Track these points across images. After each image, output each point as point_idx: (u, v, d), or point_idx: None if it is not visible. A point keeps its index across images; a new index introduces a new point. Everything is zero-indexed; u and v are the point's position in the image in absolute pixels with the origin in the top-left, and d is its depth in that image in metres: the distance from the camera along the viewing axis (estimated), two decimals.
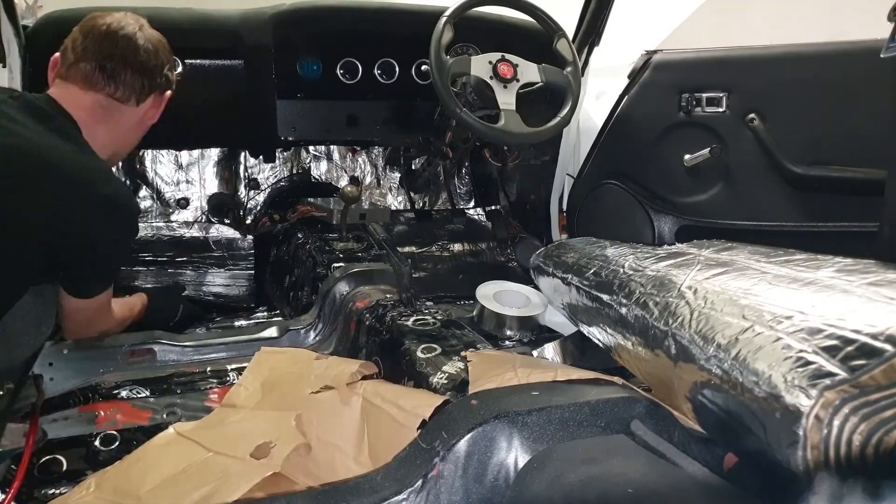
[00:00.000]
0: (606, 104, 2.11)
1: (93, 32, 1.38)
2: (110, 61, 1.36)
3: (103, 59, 1.36)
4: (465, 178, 2.76)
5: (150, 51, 1.42)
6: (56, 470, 1.19)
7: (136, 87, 1.40)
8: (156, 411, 1.38)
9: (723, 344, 0.78)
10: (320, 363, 1.26)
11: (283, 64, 2.01)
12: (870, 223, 1.51)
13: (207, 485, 0.92)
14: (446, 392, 1.10)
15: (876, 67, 1.38)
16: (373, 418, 1.05)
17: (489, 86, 1.57)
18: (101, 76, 1.36)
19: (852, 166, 1.78)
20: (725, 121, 1.94)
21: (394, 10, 2.15)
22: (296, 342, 1.69)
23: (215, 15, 1.97)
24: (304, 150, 2.56)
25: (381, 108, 2.21)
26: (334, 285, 1.76)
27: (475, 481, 0.82)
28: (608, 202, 2.16)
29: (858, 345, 0.63)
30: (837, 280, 0.80)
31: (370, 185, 2.66)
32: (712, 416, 0.80)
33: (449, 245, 2.52)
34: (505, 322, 1.74)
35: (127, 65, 1.38)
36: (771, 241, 1.21)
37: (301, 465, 1.02)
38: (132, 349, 1.53)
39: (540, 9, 1.72)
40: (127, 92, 1.39)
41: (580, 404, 0.88)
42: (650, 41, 2.90)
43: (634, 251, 1.30)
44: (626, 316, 1.08)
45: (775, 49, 1.92)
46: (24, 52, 1.70)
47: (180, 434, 1.11)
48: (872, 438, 0.57)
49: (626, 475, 0.74)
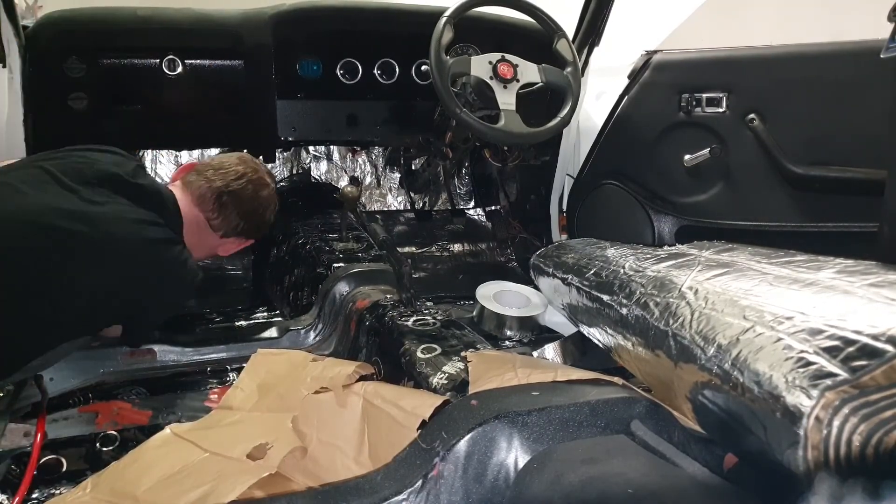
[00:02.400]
0: (606, 104, 2.11)
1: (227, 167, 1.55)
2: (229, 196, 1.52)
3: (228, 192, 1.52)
4: (465, 178, 2.76)
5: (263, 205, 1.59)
6: (56, 470, 1.19)
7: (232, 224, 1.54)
8: (156, 411, 1.38)
9: (723, 344, 0.78)
10: (317, 365, 1.26)
11: (283, 64, 2.01)
12: (870, 223, 1.51)
13: (204, 485, 0.92)
14: (446, 392, 1.10)
15: (876, 67, 1.38)
16: (373, 419, 1.05)
17: (489, 86, 1.57)
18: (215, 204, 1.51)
19: (852, 166, 1.78)
20: (725, 121, 1.94)
21: (394, 10, 2.15)
22: (296, 342, 1.69)
23: (215, 15, 1.97)
24: (304, 150, 2.56)
25: (381, 108, 2.21)
26: (334, 285, 1.76)
27: (475, 481, 0.82)
28: (608, 202, 2.16)
29: (860, 345, 0.63)
30: (838, 281, 0.80)
31: (370, 185, 2.66)
32: (712, 416, 0.80)
33: (449, 245, 2.52)
34: (505, 322, 1.74)
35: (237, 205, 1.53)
36: (771, 241, 1.21)
37: (301, 465, 1.02)
38: (132, 349, 1.53)
39: (540, 9, 1.72)
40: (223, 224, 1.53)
41: (580, 404, 0.88)
42: (650, 41, 2.90)
43: (635, 252, 1.30)
44: (627, 316, 1.08)
45: (775, 49, 1.92)
46: (24, 52, 1.69)
47: (177, 435, 1.11)
48: (872, 439, 0.57)
49: (626, 475, 0.74)
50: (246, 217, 1.55)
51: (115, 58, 1.86)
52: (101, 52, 1.84)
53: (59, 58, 1.79)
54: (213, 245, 1.57)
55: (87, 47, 1.83)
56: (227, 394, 1.31)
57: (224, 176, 1.52)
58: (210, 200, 1.50)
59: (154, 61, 1.88)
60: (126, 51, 1.87)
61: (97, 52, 1.84)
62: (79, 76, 1.82)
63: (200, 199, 1.49)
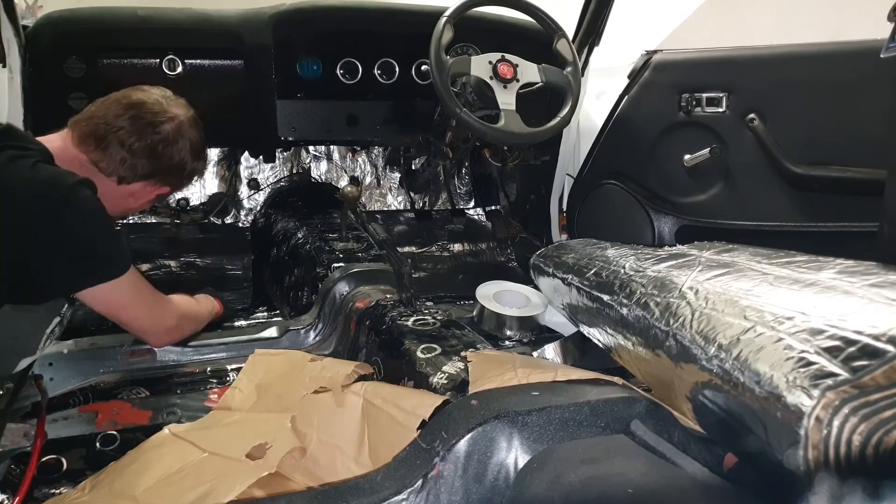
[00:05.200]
0: (606, 104, 2.11)
1: (119, 98, 1.33)
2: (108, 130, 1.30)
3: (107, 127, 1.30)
4: (465, 178, 2.76)
5: (162, 139, 1.35)
6: (56, 470, 1.19)
7: (124, 165, 1.33)
8: (156, 411, 1.38)
9: (724, 344, 0.78)
10: (316, 365, 1.26)
11: (283, 64, 2.01)
12: (870, 223, 1.51)
13: (203, 485, 0.92)
14: (446, 392, 1.10)
15: (876, 67, 1.38)
16: (373, 419, 1.05)
17: (489, 86, 1.57)
18: (96, 142, 1.30)
19: (852, 166, 1.79)
20: (725, 121, 1.94)
21: (394, 10, 2.15)
22: (296, 342, 1.69)
23: (215, 15, 1.97)
24: (304, 150, 2.56)
25: (381, 108, 2.21)
26: (334, 285, 1.75)
27: (475, 481, 0.82)
28: (608, 202, 2.16)
29: (860, 345, 0.63)
30: (839, 281, 0.80)
31: (370, 185, 2.66)
32: (713, 416, 0.80)
33: (449, 245, 2.52)
34: (505, 322, 1.74)
35: (122, 141, 1.31)
36: (771, 241, 1.21)
37: (301, 465, 1.02)
38: (132, 349, 1.53)
39: (540, 9, 1.72)
40: (111, 167, 1.32)
41: (580, 404, 0.88)
42: (650, 41, 2.90)
43: (635, 252, 1.30)
44: (627, 316, 1.08)
45: (775, 49, 1.92)
46: (24, 52, 1.69)
47: (176, 435, 1.12)
48: (872, 438, 0.57)
49: (626, 475, 0.74)
50: (140, 155, 1.32)
51: (115, 58, 1.86)
52: (101, 52, 1.84)
53: (59, 58, 1.79)
54: (115, 195, 1.34)
55: (87, 47, 1.83)
56: (226, 394, 1.31)
57: (106, 107, 1.31)
58: (91, 142, 1.29)
59: (154, 61, 1.88)
60: (126, 51, 1.87)
61: (97, 52, 1.84)
62: (79, 76, 1.82)
63: (81, 139, 1.29)
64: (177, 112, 1.38)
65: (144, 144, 1.33)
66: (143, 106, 1.34)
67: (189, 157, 1.42)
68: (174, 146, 1.37)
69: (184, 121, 1.39)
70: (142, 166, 1.35)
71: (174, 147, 1.37)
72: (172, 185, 1.46)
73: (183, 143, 1.39)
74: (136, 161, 1.33)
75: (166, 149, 1.36)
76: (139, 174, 1.36)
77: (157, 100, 1.37)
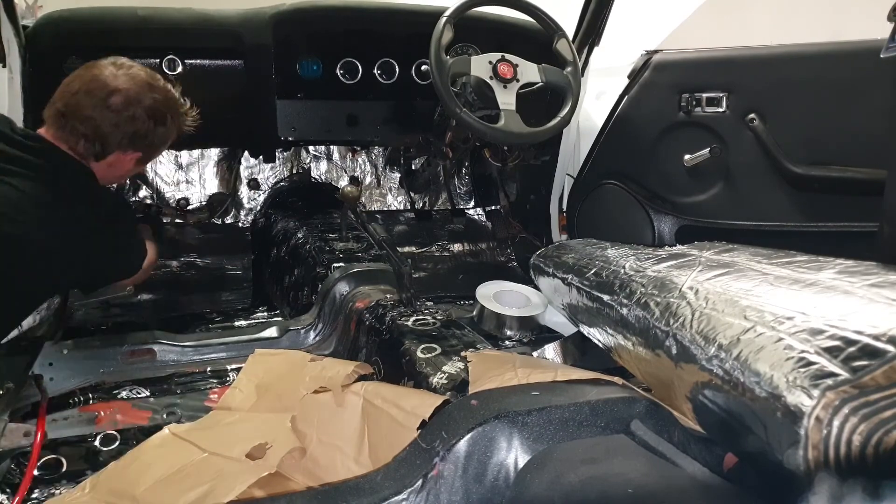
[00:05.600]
0: (606, 104, 2.11)
1: (70, 80, 1.36)
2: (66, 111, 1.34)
3: (65, 109, 1.34)
4: (465, 178, 2.76)
5: (115, 111, 1.36)
6: (56, 470, 1.19)
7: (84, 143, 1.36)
8: (156, 411, 1.38)
9: (724, 344, 0.78)
10: (315, 365, 1.26)
11: (283, 64, 2.01)
12: (870, 223, 1.51)
13: (203, 484, 0.92)
14: (446, 392, 1.10)
15: (876, 67, 1.38)
16: (373, 419, 1.05)
17: (489, 86, 1.57)
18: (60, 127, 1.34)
19: (852, 166, 1.78)
20: (725, 121, 1.94)
21: (394, 10, 2.15)
22: (296, 342, 1.69)
23: (215, 15, 1.97)
24: (304, 150, 2.56)
25: (381, 108, 2.21)
26: (334, 285, 1.76)
27: (475, 481, 0.82)
28: (608, 202, 2.16)
29: (860, 345, 0.63)
30: (839, 281, 0.80)
31: (370, 185, 2.66)
32: (713, 416, 0.80)
33: (449, 245, 2.52)
34: (505, 322, 1.74)
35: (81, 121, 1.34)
36: (771, 240, 1.21)
37: (301, 465, 1.02)
38: (132, 349, 1.53)
39: (540, 9, 1.72)
40: (82, 147, 1.36)
41: (580, 404, 0.88)
42: (650, 41, 2.90)
43: (635, 252, 1.30)
44: (627, 316, 1.08)
45: (775, 49, 1.92)
46: (24, 52, 1.69)
47: (175, 435, 1.12)
48: (872, 438, 0.57)
49: (626, 475, 0.74)
50: (101, 130, 1.35)
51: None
52: (101, 52, 1.83)
53: (59, 58, 1.79)
54: (98, 169, 1.40)
55: (87, 47, 1.82)
56: (226, 394, 1.31)
57: (63, 90, 1.36)
58: (58, 127, 1.34)
59: (154, 61, 1.88)
60: (126, 51, 1.86)
61: (97, 52, 1.83)
62: None
63: (51, 127, 1.35)
64: (125, 83, 1.39)
65: (101, 120, 1.35)
66: (93, 82, 1.36)
67: (150, 122, 1.42)
68: (128, 114, 1.38)
69: (131, 88, 1.39)
70: (107, 139, 1.37)
71: (128, 115, 1.39)
72: (145, 151, 1.48)
73: (138, 110, 1.39)
74: (100, 136, 1.36)
75: (121, 119, 1.37)
76: (108, 147, 1.39)
77: (106, 75, 1.38)
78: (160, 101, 1.44)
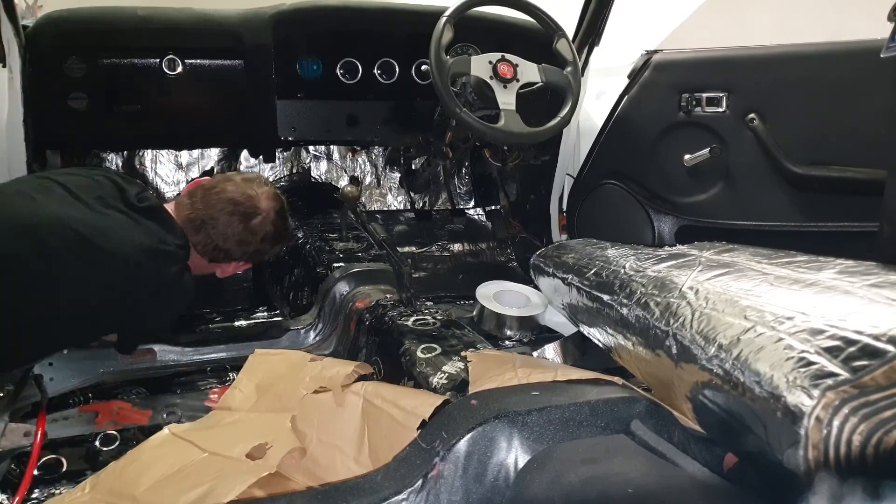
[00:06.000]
0: (606, 104, 2.11)
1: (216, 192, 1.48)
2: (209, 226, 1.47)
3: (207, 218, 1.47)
4: (465, 178, 2.76)
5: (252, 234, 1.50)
6: (56, 470, 1.19)
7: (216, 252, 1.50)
8: (156, 411, 1.38)
9: (724, 344, 0.78)
10: (315, 365, 1.26)
11: (283, 64, 2.01)
12: (870, 223, 1.51)
13: (203, 484, 0.92)
14: (446, 392, 1.10)
15: (876, 67, 1.38)
16: (373, 418, 1.05)
17: (489, 86, 1.57)
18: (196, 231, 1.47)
19: (852, 166, 1.78)
20: (725, 121, 1.94)
21: (394, 10, 2.15)
22: (296, 342, 1.69)
23: (215, 15, 1.97)
24: (304, 150, 2.56)
25: (381, 108, 2.21)
26: (334, 285, 1.76)
27: (475, 481, 0.82)
28: (608, 202, 2.16)
29: (861, 345, 0.63)
30: (839, 281, 0.80)
31: (370, 185, 2.66)
32: (713, 416, 0.80)
33: (449, 245, 2.52)
34: (505, 322, 1.74)
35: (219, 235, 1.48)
36: (771, 240, 1.21)
37: (301, 465, 1.02)
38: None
39: (540, 9, 1.72)
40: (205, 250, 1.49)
41: (580, 404, 0.88)
42: (650, 41, 2.90)
43: (635, 252, 1.30)
44: (627, 316, 1.08)
45: (775, 49, 1.92)
46: (24, 52, 1.69)
47: (175, 435, 1.11)
48: (872, 438, 0.57)
49: (626, 475, 0.74)
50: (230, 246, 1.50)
51: (115, 58, 1.85)
52: (101, 52, 1.84)
53: (59, 58, 1.79)
54: (203, 266, 1.54)
55: (87, 47, 1.83)
56: (226, 394, 1.31)
57: (209, 203, 1.48)
58: (191, 227, 1.47)
59: (154, 61, 1.87)
60: (126, 50, 1.87)
61: (97, 52, 1.84)
62: (79, 76, 1.82)
63: (184, 223, 1.47)
64: (266, 205, 1.52)
65: (236, 238, 1.49)
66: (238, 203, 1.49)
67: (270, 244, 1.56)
68: (259, 236, 1.52)
69: (271, 213, 1.53)
70: (230, 252, 1.52)
71: (259, 237, 1.52)
72: (253, 262, 1.64)
73: (268, 233, 1.53)
74: (227, 249, 1.50)
75: (253, 239, 1.51)
76: (227, 258, 1.54)
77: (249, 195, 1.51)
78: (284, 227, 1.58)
